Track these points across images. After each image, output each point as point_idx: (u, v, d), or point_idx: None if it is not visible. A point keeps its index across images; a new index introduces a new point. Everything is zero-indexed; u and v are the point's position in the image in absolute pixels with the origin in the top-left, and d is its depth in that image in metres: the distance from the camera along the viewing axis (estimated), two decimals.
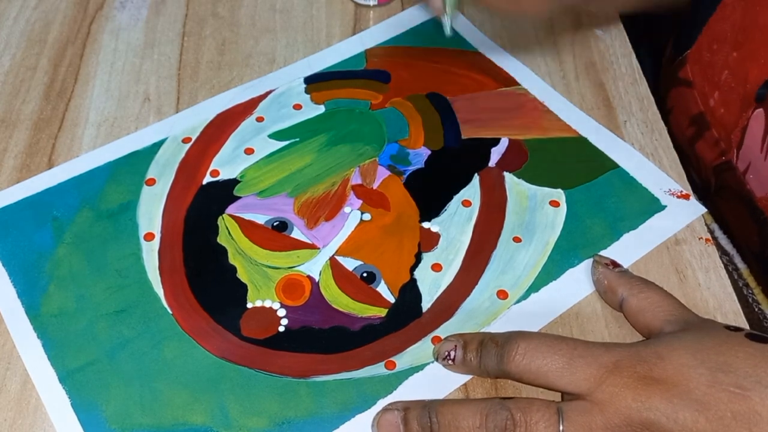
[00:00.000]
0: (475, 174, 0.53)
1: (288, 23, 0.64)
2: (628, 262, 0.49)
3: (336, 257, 0.49)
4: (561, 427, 0.38)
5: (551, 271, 0.49)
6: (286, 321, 0.46)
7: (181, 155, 0.54)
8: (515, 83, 0.59)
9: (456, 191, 0.53)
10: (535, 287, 0.48)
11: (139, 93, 0.58)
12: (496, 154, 0.55)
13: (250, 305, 0.47)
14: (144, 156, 0.54)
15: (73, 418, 0.42)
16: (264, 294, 0.47)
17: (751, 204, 0.52)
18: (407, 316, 0.47)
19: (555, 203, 0.52)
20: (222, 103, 0.57)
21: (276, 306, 0.47)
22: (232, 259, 0.49)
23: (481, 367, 0.42)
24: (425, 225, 0.51)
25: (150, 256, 0.49)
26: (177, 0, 0.65)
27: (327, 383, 0.44)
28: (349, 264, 0.49)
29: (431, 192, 0.52)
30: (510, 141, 0.55)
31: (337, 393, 0.43)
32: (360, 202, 0.52)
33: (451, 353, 0.43)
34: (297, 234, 0.50)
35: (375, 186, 0.53)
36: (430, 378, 0.44)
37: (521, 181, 0.53)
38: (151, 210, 0.51)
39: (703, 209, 0.52)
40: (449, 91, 0.58)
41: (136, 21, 0.64)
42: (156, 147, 0.55)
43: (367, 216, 0.51)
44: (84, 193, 0.52)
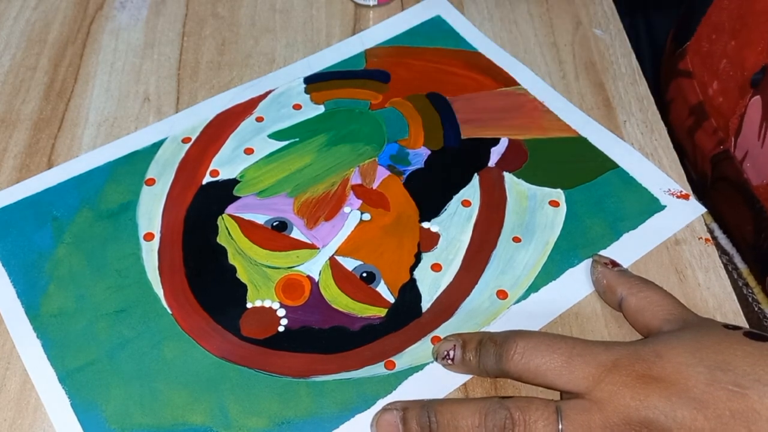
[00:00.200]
0: (475, 174, 0.53)
1: (288, 23, 0.64)
2: (627, 262, 0.49)
3: (336, 257, 0.49)
4: (560, 426, 0.38)
5: (551, 271, 0.49)
6: (285, 321, 0.46)
7: (181, 155, 0.54)
8: (515, 83, 0.59)
9: (456, 191, 0.53)
10: (535, 287, 0.48)
11: (139, 93, 0.58)
12: (495, 154, 0.55)
13: (249, 305, 0.47)
14: (144, 156, 0.54)
15: (73, 418, 0.42)
16: (264, 294, 0.47)
17: (748, 193, 0.52)
18: (407, 316, 0.47)
19: (555, 203, 0.52)
20: (222, 103, 0.58)
21: (276, 306, 0.47)
22: (231, 259, 0.49)
23: (480, 367, 0.42)
24: (425, 225, 0.51)
25: (150, 256, 0.49)
26: (177, 0, 0.65)
27: (327, 383, 0.44)
28: (349, 264, 0.49)
29: (431, 192, 0.53)
30: (510, 141, 0.55)
31: (337, 393, 0.43)
32: (360, 202, 0.52)
33: (451, 353, 0.43)
34: (297, 234, 0.50)
35: (375, 186, 0.53)
36: (429, 378, 0.44)
37: (521, 181, 0.53)
38: (151, 210, 0.51)
39: (703, 209, 0.52)
40: (449, 91, 0.58)
41: (136, 21, 0.64)
42: (156, 147, 0.55)
43: (367, 216, 0.51)
44: (84, 193, 0.52)
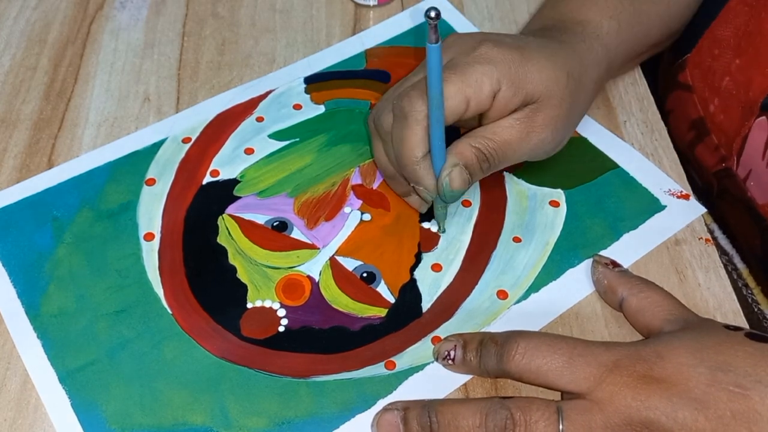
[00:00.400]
0: None
1: (288, 23, 0.64)
2: (628, 262, 0.49)
3: (336, 257, 0.49)
4: (561, 427, 0.38)
5: (551, 271, 0.49)
6: (286, 321, 0.46)
7: (181, 155, 0.54)
8: None
9: None
10: (535, 287, 0.48)
11: (139, 93, 0.58)
12: None
13: (250, 305, 0.47)
14: (144, 156, 0.54)
15: (73, 418, 0.42)
16: (264, 294, 0.47)
17: (753, 210, 0.52)
18: (407, 316, 0.47)
19: (555, 203, 0.52)
20: (222, 103, 0.58)
21: (276, 306, 0.47)
22: (232, 259, 0.49)
23: (481, 367, 0.42)
24: (425, 225, 0.51)
25: (150, 256, 0.49)
26: (177, 0, 0.65)
27: (327, 383, 0.44)
28: (349, 264, 0.49)
29: None
30: None
31: (337, 393, 0.43)
32: (360, 202, 0.52)
33: (451, 353, 0.43)
34: (297, 234, 0.50)
35: (375, 186, 0.53)
36: (430, 378, 0.44)
37: (521, 181, 0.53)
38: (151, 210, 0.51)
39: (703, 209, 0.52)
40: None
41: (136, 21, 0.64)
42: (156, 147, 0.55)
43: (367, 216, 0.51)
44: (84, 193, 0.52)
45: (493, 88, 0.45)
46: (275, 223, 0.51)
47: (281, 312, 0.47)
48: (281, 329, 0.46)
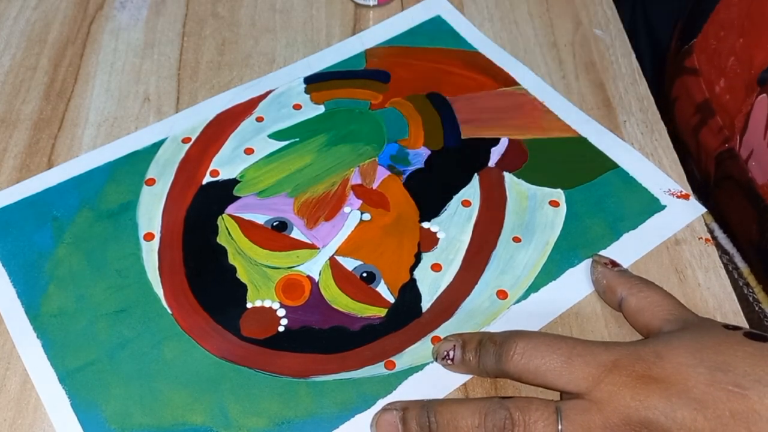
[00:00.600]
0: (475, 174, 0.53)
1: (288, 23, 0.64)
2: (627, 262, 0.49)
3: (336, 257, 0.49)
4: (560, 427, 0.38)
5: (551, 271, 0.49)
6: (285, 321, 0.46)
7: (181, 155, 0.54)
8: (515, 83, 0.59)
9: (456, 191, 0.53)
10: (535, 287, 0.48)
11: (139, 93, 0.58)
12: (496, 154, 0.55)
13: (249, 305, 0.47)
14: (144, 156, 0.54)
15: (73, 418, 0.42)
16: (264, 294, 0.47)
17: (752, 192, 0.52)
18: (407, 316, 0.47)
19: (555, 203, 0.52)
20: (222, 103, 0.58)
21: (276, 306, 0.47)
22: (231, 259, 0.49)
23: (480, 367, 0.42)
24: (425, 225, 0.51)
25: (150, 256, 0.49)
26: (177, 0, 0.65)
27: (327, 383, 0.44)
28: (349, 264, 0.49)
29: (431, 192, 0.52)
30: (510, 141, 0.55)
31: (337, 393, 0.43)
32: (360, 202, 0.52)
33: (450, 353, 0.43)
34: (297, 234, 0.50)
35: (375, 186, 0.53)
36: (429, 378, 0.44)
37: (521, 181, 0.53)
38: (151, 210, 0.51)
39: (703, 209, 0.52)
40: (449, 91, 0.58)
41: (136, 21, 0.64)
42: (156, 147, 0.55)
43: (367, 216, 0.51)
44: (84, 193, 0.52)
45: None
46: (275, 223, 0.51)
47: (281, 312, 0.47)
48: (281, 329, 0.46)
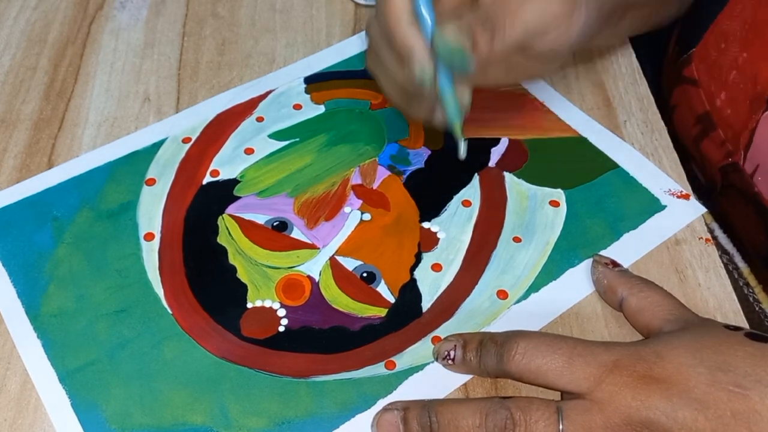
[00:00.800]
0: (475, 174, 0.53)
1: (288, 23, 0.64)
2: (628, 262, 0.49)
3: (336, 257, 0.49)
4: (561, 427, 0.38)
5: (551, 271, 0.49)
6: (286, 321, 0.46)
7: (181, 155, 0.54)
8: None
9: (456, 191, 0.53)
10: (535, 287, 0.48)
11: (139, 93, 0.58)
12: (496, 154, 0.55)
13: (250, 305, 0.47)
14: (144, 156, 0.54)
15: (73, 418, 0.42)
16: (264, 294, 0.47)
17: (760, 206, 0.52)
18: (407, 316, 0.47)
19: (555, 203, 0.52)
20: (222, 103, 0.58)
21: (276, 306, 0.47)
22: (232, 259, 0.49)
23: (481, 367, 0.42)
24: (425, 225, 0.51)
25: (150, 256, 0.49)
26: (177, 0, 0.65)
27: (327, 383, 0.44)
28: (349, 264, 0.49)
29: (431, 192, 0.52)
30: (510, 141, 0.55)
31: (337, 393, 0.43)
32: (360, 202, 0.52)
33: (451, 353, 0.43)
34: (297, 234, 0.50)
35: (375, 186, 0.53)
36: (430, 378, 0.44)
37: (521, 181, 0.53)
38: (151, 210, 0.51)
39: (703, 209, 0.52)
40: None
41: (136, 21, 0.64)
42: (156, 147, 0.55)
43: (367, 216, 0.51)
44: (84, 193, 0.52)
45: None
46: (275, 223, 0.51)
47: (281, 312, 0.47)
48: (281, 329, 0.46)
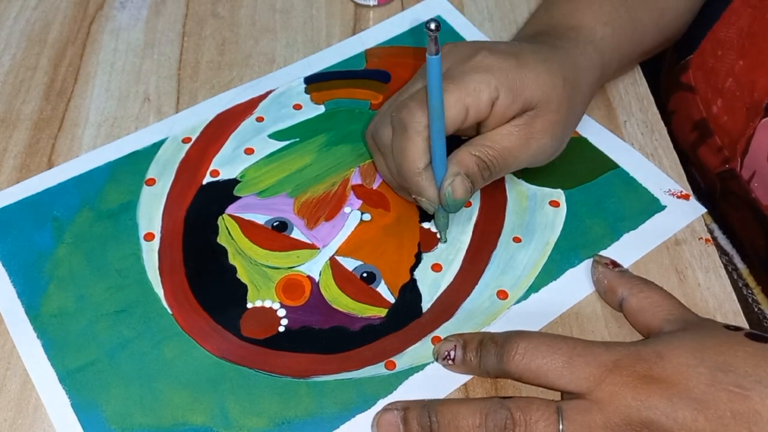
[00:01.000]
0: None
1: (288, 23, 0.64)
2: (628, 262, 0.49)
3: (336, 257, 0.49)
4: (561, 426, 0.38)
5: (551, 271, 0.49)
6: (286, 321, 0.46)
7: (181, 155, 0.54)
8: None
9: None
10: (535, 287, 0.48)
11: (139, 93, 0.58)
12: None
13: (250, 305, 0.47)
14: (144, 156, 0.54)
15: (73, 418, 0.42)
16: (264, 294, 0.47)
17: (758, 211, 0.52)
18: (407, 316, 0.47)
19: (555, 203, 0.52)
20: (222, 103, 0.58)
21: (276, 306, 0.47)
22: (232, 259, 0.49)
23: (481, 367, 0.42)
24: (425, 225, 0.51)
25: (150, 256, 0.49)
26: (177, 0, 0.65)
27: (327, 383, 0.44)
28: (349, 264, 0.49)
29: None
30: None
31: (337, 393, 0.43)
32: (360, 202, 0.52)
33: (451, 353, 0.43)
34: (297, 234, 0.50)
35: (375, 186, 0.53)
36: (430, 378, 0.44)
37: (521, 181, 0.53)
38: (151, 210, 0.51)
39: (703, 209, 0.52)
40: None
41: (136, 21, 0.64)
42: (156, 147, 0.55)
43: (367, 216, 0.51)
44: (84, 193, 0.52)
45: (492, 96, 0.45)
46: (275, 223, 0.51)
47: (281, 312, 0.47)
48: (281, 329, 0.46)
